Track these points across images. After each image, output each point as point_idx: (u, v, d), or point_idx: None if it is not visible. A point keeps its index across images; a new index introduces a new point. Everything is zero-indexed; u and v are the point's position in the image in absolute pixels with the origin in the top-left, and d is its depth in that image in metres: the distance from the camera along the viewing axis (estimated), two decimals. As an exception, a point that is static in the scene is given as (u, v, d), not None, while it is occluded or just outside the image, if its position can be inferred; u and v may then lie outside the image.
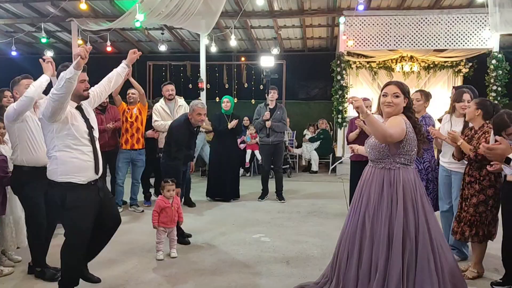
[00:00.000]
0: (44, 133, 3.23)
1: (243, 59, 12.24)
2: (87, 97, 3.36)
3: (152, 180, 6.94)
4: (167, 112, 6.48)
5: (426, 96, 4.70)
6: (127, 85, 5.97)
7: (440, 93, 10.07)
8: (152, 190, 6.90)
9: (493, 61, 9.12)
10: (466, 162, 3.92)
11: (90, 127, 3.30)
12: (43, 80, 3.63)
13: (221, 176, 6.91)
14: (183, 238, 4.87)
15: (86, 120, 3.30)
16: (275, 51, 11.42)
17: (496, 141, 2.77)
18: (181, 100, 6.75)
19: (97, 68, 5.42)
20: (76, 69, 2.89)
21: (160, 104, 6.56)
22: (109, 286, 3.74)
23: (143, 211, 6.23)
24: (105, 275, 3.93)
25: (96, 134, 3.38)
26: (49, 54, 11.75)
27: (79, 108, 3.30)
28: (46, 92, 3.48)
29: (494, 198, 3.72)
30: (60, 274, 3.47)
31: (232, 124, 6.78)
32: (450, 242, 4.32)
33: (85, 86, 3.29)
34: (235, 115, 7.01)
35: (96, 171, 3.30)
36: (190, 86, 11.02)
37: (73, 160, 3.16)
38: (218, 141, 7.12)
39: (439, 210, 4.45)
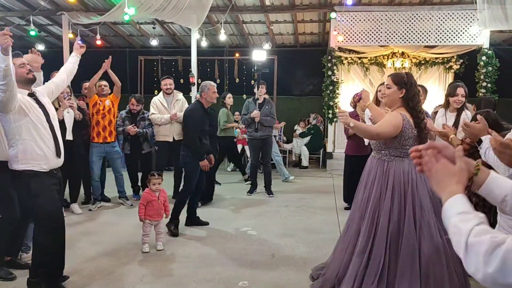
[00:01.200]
0: (2, 125, 3.23)
1: (237, 55, 12.22)
2: (33, 79, 3.36)
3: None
4: (164, 105, 6.47)
5: (426, 91, 4.76)
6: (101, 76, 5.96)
7: (431, 89, 10.08)
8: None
9: (483, 58, 9.16)
10: None
11: (47, 113, 3.30)
12: None
13: None
14: (176, 228, 4.96)
15: (42, 106, 3.29)
16: (267, 46, 11.40)
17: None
18: (179, 95, 6.71)
19: (88, 62, 5.45)
20: (5, 55, 2.84)
21: (158, 98, 6.57)
22: (94, 277, 3.74)
23: (132, 205, 6.21)
24: (90, 267, 3.95)
25: (54, 120, 3.37)
26: (40, 47, 11.69)
27: (31, 95, 3.29)
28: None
29: (479, 196, 3.69)
30: (14, 276, 3.61)
31: None
32: None
33: (26, 69, 3.28)
34: (211, 112, 6.73)
35: (58, 155, 3.30)
36: (182, 81, 10.98)
37: (34, 149, 3.16)
38: None
39: None
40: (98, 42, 10.29)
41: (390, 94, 3.19)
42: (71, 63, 3.80)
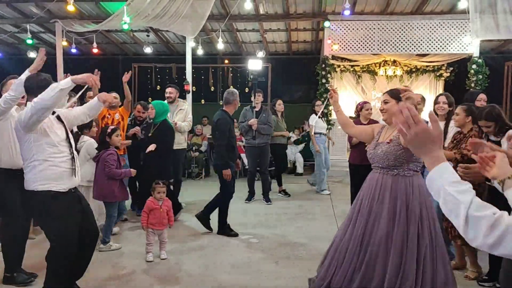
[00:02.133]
0: (20, 143, 3.15)
1: (226, 61, 12.33)
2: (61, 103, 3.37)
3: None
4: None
5: (424, 100, 4.86)
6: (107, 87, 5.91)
7: (422, 97, 10.27)
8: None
9: (474, 66, 9.36)
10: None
11: (67, 133, 3.26)
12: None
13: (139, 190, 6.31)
14: (230, 231, 5.29)
15: (64, 126, 3.26)
16: (260, 54, 11.51)
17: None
18: (184, 104, 6.68)
19: (81, 69, 5.43)
20: (74, 82, 2.89)
21: None
22: (100, 287, 3.74)
23: (126, 219, 5.86)
24: (95, 276, 3.94)
25: (71, 138, 3.33)
26: (32, 55, 11.64)
27: (53, 112, 3.23)
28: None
29: (480, 185, 3.80)
30: (32, 279, 3.59)
31: (150, 147, 5.58)
32: None
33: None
34: (165, 125, 5.81)
35: (74, 174, 3.23)
36: (176, 88, 11.00)
37: (52, 168, 3.09)
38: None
39: None
40: (95, 51, 10.29)
41: (390, 108, 3.25)
42: (94, 108, 3.54)
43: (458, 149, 3.86)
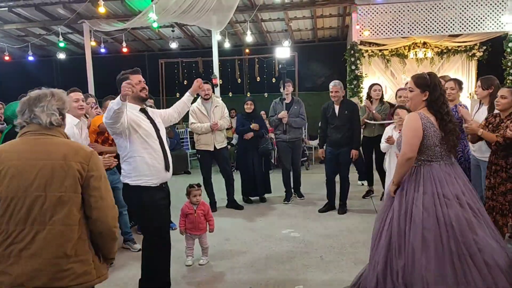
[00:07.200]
0: (116, 139, 3.36)
1: (247, 51, 12.26)
2: (145, 98, 3.45)
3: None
4: (203, 113, 6.13)
5: (460, 84, 4.74)
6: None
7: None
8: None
9: (510, 44, 9.03)
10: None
11: (157, 128, 3.42)
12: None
13: None
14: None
15: (152, 122, 3.42)
16: (286, 43, 11.38)
17: None
18: (219, 100, 6.43)
19: (109, 68, 5.35)
20: (123, 101, 2.98)
21: (197, 105, 6.16)
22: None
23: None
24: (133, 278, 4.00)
25: (163, 135, 3.50)
26: (61, 56, 11.84)
27: (143, 110, 3.43)
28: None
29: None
30: None
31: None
32: None
33: (141, 86, 3.37)
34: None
35: (167, 169, 3.41)
36: (203, 82, 11.02)
37: (145, 163, 3.28)
38: None
39: None
40: (125, 50, 10.38)
41: (413, 97, 3.05)
42: (183, 102, 3.84)
43: (501, 134, 3.74)
